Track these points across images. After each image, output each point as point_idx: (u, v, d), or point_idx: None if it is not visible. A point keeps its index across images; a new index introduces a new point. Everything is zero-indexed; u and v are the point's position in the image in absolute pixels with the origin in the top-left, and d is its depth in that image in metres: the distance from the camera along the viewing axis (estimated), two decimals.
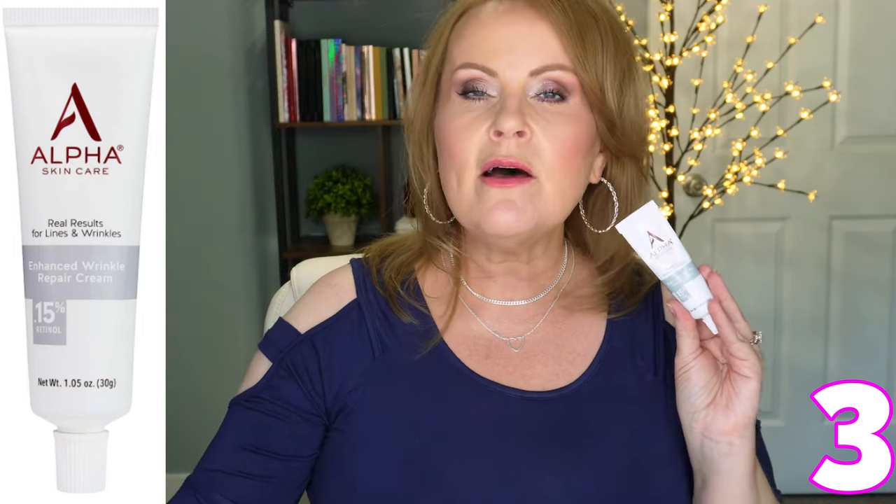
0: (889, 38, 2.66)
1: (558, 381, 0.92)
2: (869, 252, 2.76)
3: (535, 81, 0.87)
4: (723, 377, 0.86)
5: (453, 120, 0.89)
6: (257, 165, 2.83)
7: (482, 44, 0.88)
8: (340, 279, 0.98)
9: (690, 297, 0.83)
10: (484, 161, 0.87)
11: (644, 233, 0.83)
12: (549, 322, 0.96)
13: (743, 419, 0.84)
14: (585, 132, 0.89)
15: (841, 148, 2.71)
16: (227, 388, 3.64)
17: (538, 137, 0.86)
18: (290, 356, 0.94)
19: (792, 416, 2.80)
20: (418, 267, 0.98)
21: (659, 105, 2.38)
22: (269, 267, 2.87)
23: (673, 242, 0.83)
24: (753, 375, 0.83)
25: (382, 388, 0.91)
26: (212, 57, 2.77)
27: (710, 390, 0.85)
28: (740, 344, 0.83)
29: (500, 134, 0.86)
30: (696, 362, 0.85)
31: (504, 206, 0.86)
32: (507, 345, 0.94)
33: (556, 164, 0.87)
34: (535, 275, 0.96)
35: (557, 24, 0.87)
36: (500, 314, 0.96)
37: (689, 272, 0.83)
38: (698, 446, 0.87)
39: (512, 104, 0.86)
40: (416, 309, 0.95)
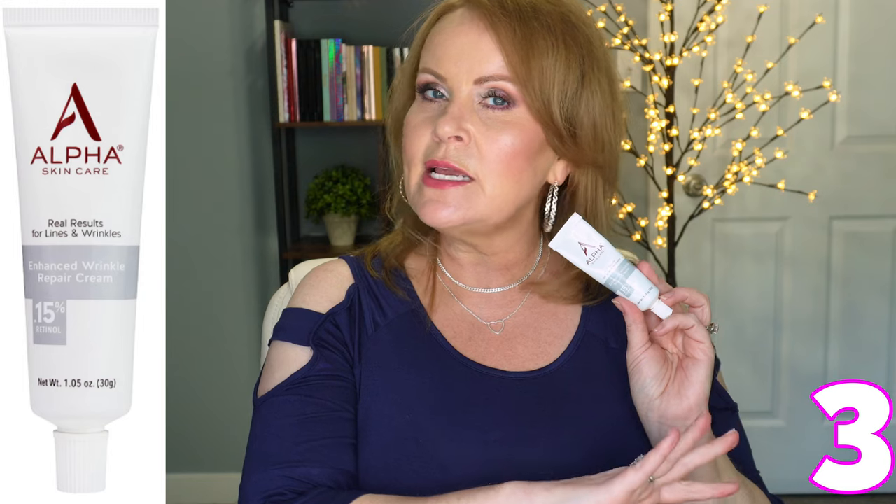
0: (889, 38, 2.66)
1: (538, 362, 0.98)
2: (869, 252, 2.76)
3: (480, 88, 0.92)
4: (673, 367, 0.90)
5: (410, 118, 0.96)
6: (257, 165, 2.83)
7: (437, 50, 0.94)
8: (337, 267, 1.03)
9: (634, 290, 0.87)
10: (425, 159, 0.93)
11: (576, 244, 0.87)
12: (527, 307, 1.01)
13: (695, 401, 0.88)
14: (529, 139, 0.92)
15: (841, 148, 2.71)
16: (227, 388, 3.63)
17: (477, 142, 0.91)
18: (319, 334, 0.96)
19: (792, 416, 2.80)
20: (403, 252, 1.04)
21: (659, 105, 2.38)
22: (269, 267, 2.87)
23: (604, 246, 0.87)
24: (704, 358, 0.87)
25: (374, 366, 0.96)
26: (212, 57, 2.77)
27: (660, 380, 0.89)
28: (699, 326, 0.87)
29: (439, 137, 0.91)
30: (645, 355, 0.90)
31: (434, 205, 0.92)
32: (489, 328, 0.99)
33: (494, 166, 0.91)
34: (506, 266, 1.01)
35: (503, 37, 0.91)
36: (478, 300, 1.01)
37: (625, 269, 0.87)
38: (657, 431, 0.91)
39: (453, 110, 0.91)
40: (406, 288, 1.01)
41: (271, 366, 0.97)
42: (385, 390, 0.94)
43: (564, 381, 0.96)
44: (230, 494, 2.91)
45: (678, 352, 0.90)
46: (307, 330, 0.96)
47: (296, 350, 0.96)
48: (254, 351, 2.87)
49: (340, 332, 0.97)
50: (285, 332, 0.98)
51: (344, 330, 0.97)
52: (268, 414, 0.93)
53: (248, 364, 2.87)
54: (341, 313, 0.97)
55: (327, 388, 0.93)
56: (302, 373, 0.93)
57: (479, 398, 0.94)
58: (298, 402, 0.92)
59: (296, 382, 0.93)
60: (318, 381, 0.93)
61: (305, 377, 0.93)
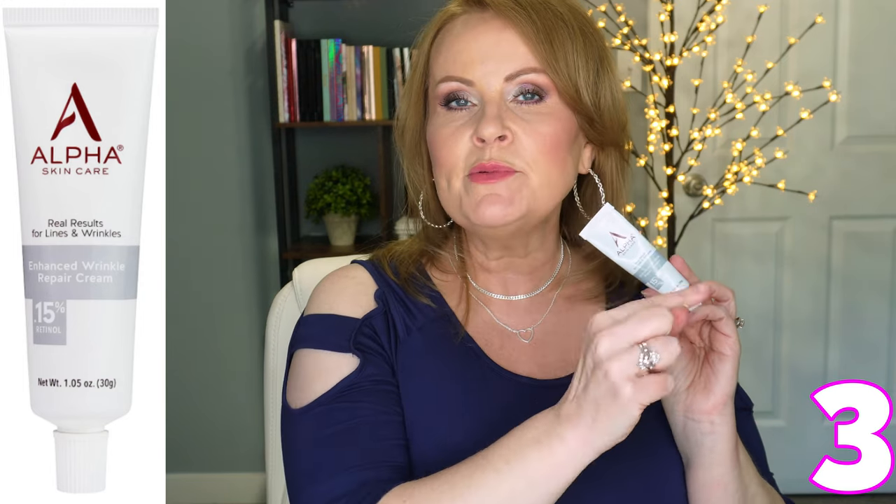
0: (889, 38, 2.66)
1: (568, 368, 0.98)
2: (869, 252, 2.76)
3: (511, 86, 0.92)
4: (700, 360, 0.89)
5: (440, 130, 0.95)
6: (257, 165, 2.83)
7: (457, 56, 0.94)
8: (356, 272, 1.01)
9: (664, 283, 0.86)
10: (470, 166, 0.92)
11: (607, 234, 0.86)
12: (554, 313, 1.01)
13: (722, 398, 0.87)
14: (565, 128, 0.94)
15: (841, 148, 2.71)
16: (227, 388, 3.62)
17: (520, 138, 0.92)
18: (359, 339, 0.94)
19: (792, 416, 2.80)
20: (425, 261, 1.03)
21: (659, 105, 2.38)
22: (269, 267, 2.87)
23: (636, 237, 0.85)
24: (732, 354, 0.87)
25: (411, 373, 0.94)
26: (212, 57, 2.77)
27: (688, 373, 0.88)
28: (728, 319, 0.87)
29: (483, 140, 0.91)
30: None
31: (490, 199, 0.91)
32: (518, 336, 0.99)
33: (539, 157, 0.92)
34: (533, 268, 1.01)
35: (525, 30, 0.92)
36: (505, 308, 1.01)
37: (657, 261, 0.85)
38: (681, 427, 0.90)
39: (491, 111, 0.91)
40: (431, 292, 1.00)
41: (307, 375, 0.94)
42: (423, 399, 0.93)
43: None
44: (230, 494, 2.92)
45: (704, 345, 0.89)
46: (345, 336, 0.94)
47: (334, 358, 0.93)
48: (254, 351, 2.87)
49: (378, 336, 0.95)
50: (318, 340, 0.95)
51: (381, 335, 0.96)
52: (316, 424, 0.90)
53: (248, 364, 2.87)
54: (377, 317, 0.96)
55: (378, 393, 0.92)
56: (350, 379, 0.92)
57: (516, 408, 0.92)
58: (350, 409, 0.90)
59: (345, 390, 0.91)
60: (369, 387, 0.92)
61: (354, 384, 0.92)
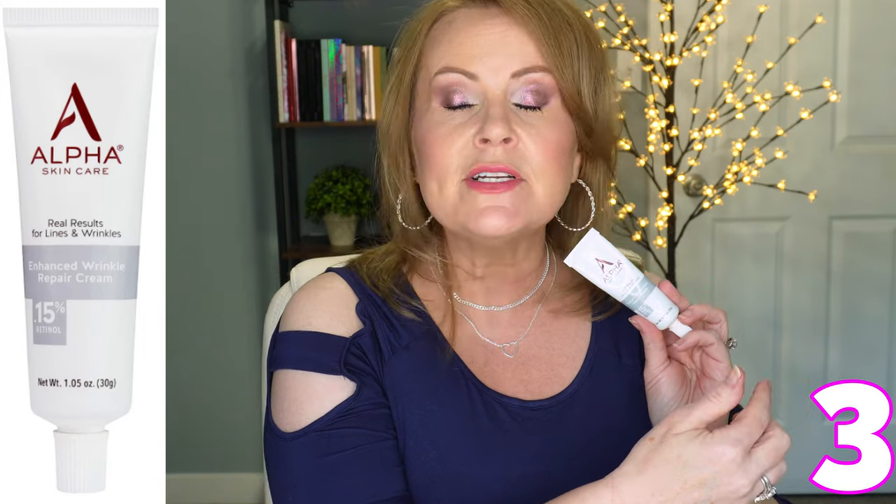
0: (889, 38, 2.66)
1: (553, 386, 0.94)
2: (869, 252, 2.76)
3: (516, 84, 0.88)
4: (692, 385, 0.87)
5: (435, 129, 0.89)
6: (257, 165, 2.83)
7: (459, 49, 0.89)
8: (333, 283, 0.96)
9: (652, 310, 0.84)
10: (469, 168, 0.87)
11: (593, 260, 0.84)
12: (538, 326, 0.97)
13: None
14: (567, 134, 0.90)
15: (841, 148, 2.71)
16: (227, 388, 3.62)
17: (524, 142, 0.87)
18: (348, 360, 0.90)
19: (792, 416, 2.80)
20: (406, 270, 0.98)
21: (659, 105, 2.38)
22: (269, 267, 2.87)
23: (622, 263, 0.84)
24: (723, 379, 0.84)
25: (397, 395, 0.91)
26: (212, 57, 2.77)
27: (679, 400, 0.87)
28: (719, 344, 0.84)
29: (487, 141, 0.86)
30: (664, 374, 0.87)
31: (493, 211, 0.86)
32: (501, 351, 0.95)
33: (544, 165, 0.88)
34: (519, 278, 0.97)
35: (533, 29, 0.88)
36: (487, 319, 0.97)
37: (644, 288, 0.84)
38: None
39: (496, 111, 0.87)
40: (414, 307, 0.95)
41: (296, 398, 0.89)
42: (411, 423, 0.89)
43: (580, 406, 0.93)
44: (230, 494, 2.92)
45: (696, 368, 0.87)
46: (333, 357, 0.90)
47: (323, 379, 0.89)
48: (254, 351, 2.87)
49: (366, 356, 0.91)
50: (302, 360, 0.90)
51: (369, 353, 0.91)
52: (314, 450, 0.86)
53: (247, 364, 2.87)
54: (364, 336, 0.91)
55: (376, 418, 0.88)
56: (347, 404, 0.88)
57: (506, 432, 0.90)
58: (350, 435, 0.87)
59: (342, 414, 0.87)
60: (368, 411, 0.88)
61: (352, 409, 0.88)
